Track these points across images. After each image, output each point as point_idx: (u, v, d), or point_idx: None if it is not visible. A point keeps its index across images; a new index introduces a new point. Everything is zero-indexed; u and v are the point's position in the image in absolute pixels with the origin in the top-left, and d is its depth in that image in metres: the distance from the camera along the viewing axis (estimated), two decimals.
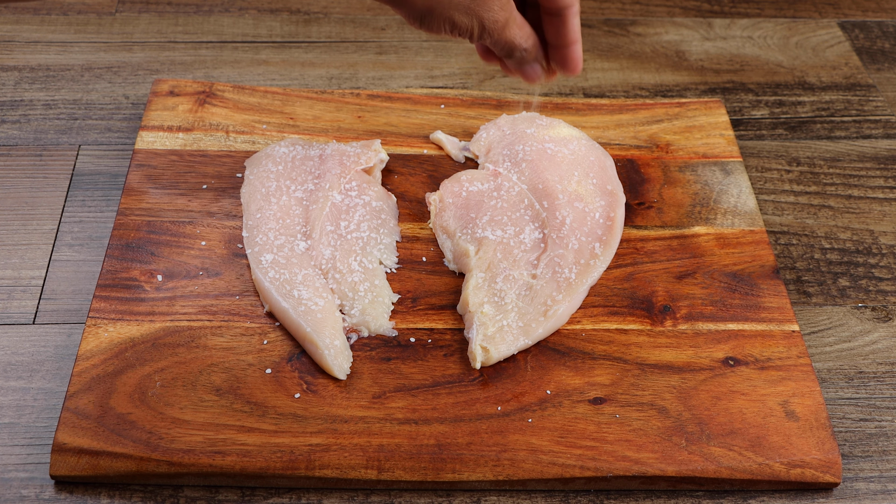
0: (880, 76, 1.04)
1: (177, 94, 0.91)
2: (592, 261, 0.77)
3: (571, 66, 0.73)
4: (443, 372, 0.72)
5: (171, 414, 0.68)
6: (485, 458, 0.67)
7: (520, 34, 0.69)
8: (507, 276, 0.75)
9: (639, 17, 1.10)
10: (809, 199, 0.89)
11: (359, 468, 0.67)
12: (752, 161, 0.93)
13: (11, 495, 0.66)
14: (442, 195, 0.82)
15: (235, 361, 0.71)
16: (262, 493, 0.67)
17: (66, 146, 0.90)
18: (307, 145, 0.84)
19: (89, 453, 0.66)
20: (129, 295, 0.75)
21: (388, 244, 0.79)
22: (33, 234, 0.82)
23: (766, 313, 0.77)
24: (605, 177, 0.83)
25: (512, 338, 0.72)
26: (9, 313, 0.76)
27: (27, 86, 0.96)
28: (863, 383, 0.75)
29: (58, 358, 0.73)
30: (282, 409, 0.69)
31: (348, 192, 0.81)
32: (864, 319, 0.80)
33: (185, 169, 0.85)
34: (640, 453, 0.68)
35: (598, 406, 0.70)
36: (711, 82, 1.02)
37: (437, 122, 0.91)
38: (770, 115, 0.98)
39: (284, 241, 0.77)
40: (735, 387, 0.72)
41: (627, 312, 0.76)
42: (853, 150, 0.95)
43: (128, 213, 0.81)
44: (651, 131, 0.91)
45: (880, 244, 0.86)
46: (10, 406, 0.71)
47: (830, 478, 0.68)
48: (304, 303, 0.73)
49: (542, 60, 0.73)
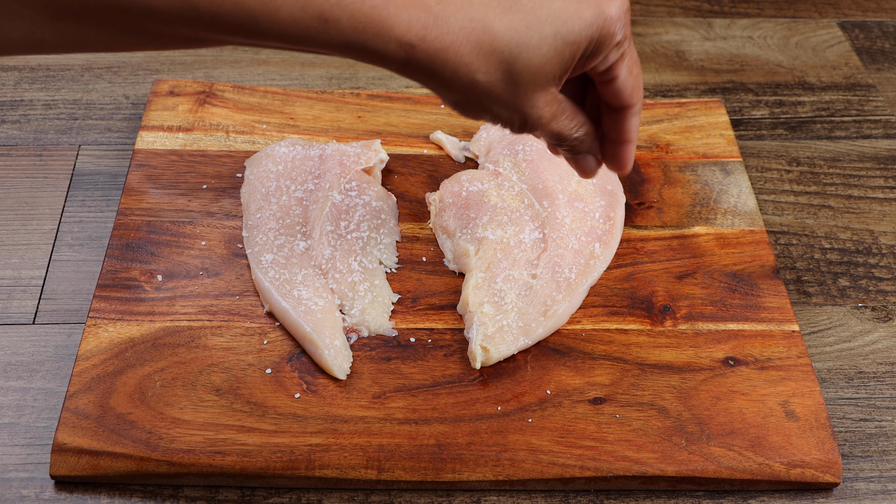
0: (880, 76, 1.04)
1: (177, 94, 0.91)
2: (592, 261, 0.77)
3: (620, 165, 0.65)
4: (443, 372, 0.72)
5: (171, 414, 0.68)
6: (485, 458, 0.67)
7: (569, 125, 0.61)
8: (507, 276, 0.75)
9: (639, 17, 1.10)
10: (809, 199, 0.89)
11: (359, 468, 0.67)
12: (752, 161, 0.93)
13: (11, 495, 0.66)
14: (442, 195, 0.82)
15: (235, 361, 0.71)
16: (262, 493, 0.67)
17: (66, 146, 0.90)
18: (307, 145, 0.84)
19: (89, 453, 0.66)
20: (129, 295, 0.75)
21: (388, 244, 0.79)
22: (33, 234, 0.82)
23: (766, 313, 0.77)
24: (605, 177, 0.83)
25: (512, 338, 0.72)
26: (9, 313, 0.76)
27: (27, 86, 0.96)
28: (863, 383, 0.75)
29: (58, 358, 0.73)
30: (282, 409, 0.69)
31: (348, 192, 0.81)
32: (864, 319, 0.80)
33: (185, 169, 0.85)
34: (640, 453, 0.68)
35: (598, 406, 0.70)
36: (711, 82, 1.02)
37: (437, 122, 0.91)
38: (770, 115, 0.98)
39: (284, 241, 0.77)
40: (735, 387, 0.72)
41: (627, 312, 0.76)
42: (853, 150, 0.95)
43: (128, 213, 0.81)
44: (651, 131, 0.91)
45: (880, 244, 0.86)
46: (10, 406, 0.71)
47: (830, 478, 0.68)
48: (303, 303, 0.73)
49: (596, 152, 0.65)
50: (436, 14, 0.53)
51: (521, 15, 0.55)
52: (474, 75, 0.55)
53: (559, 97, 0.59)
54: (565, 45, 0.56)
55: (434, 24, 0.53)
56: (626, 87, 0.60)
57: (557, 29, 0.56)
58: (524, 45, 0.55)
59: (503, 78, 0.56)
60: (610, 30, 0.57)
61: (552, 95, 0.59)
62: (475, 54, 0.55)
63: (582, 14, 0.56)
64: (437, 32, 0.53)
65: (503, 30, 0.55)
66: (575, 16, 0.56)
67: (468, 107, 0.58)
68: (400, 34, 0.53)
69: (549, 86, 0.58)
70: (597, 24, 0.56)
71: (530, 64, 0.56)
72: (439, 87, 0.56)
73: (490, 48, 0.55)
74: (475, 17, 0.54)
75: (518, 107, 0.58)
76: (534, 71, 0.56)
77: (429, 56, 0.54)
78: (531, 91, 0.57)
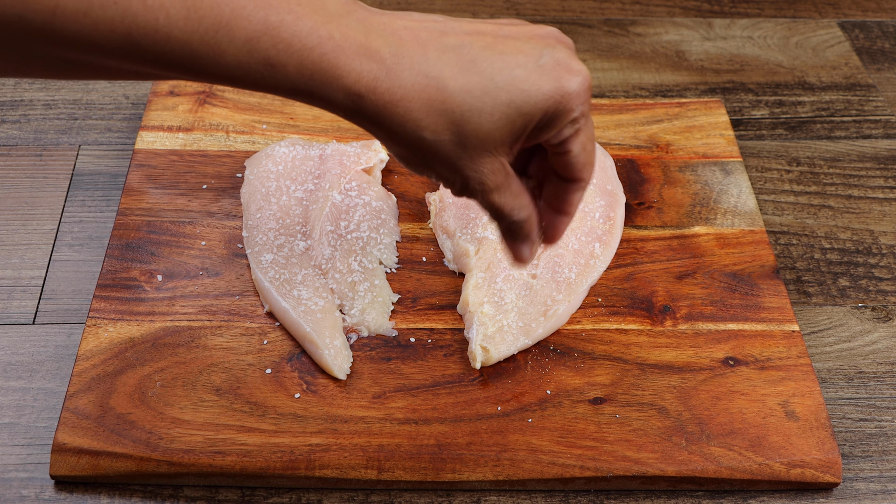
0: (880, 76, 1.04)
1: (177, 94, 0.91)
2: (592, 261, 0.77)
3: (550, 235, 0.62)
4: (443, 372, 0.72)
5: (171, 414, 0.68)
6: (485, 458, 0.67)
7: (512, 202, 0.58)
8: (507, 276, 0.75)
9: (639, 17, 1.10)
10: (809, 199, 0.89)
11: (359, 468, 0.67)
12: (752, 161, 0.93)
13: (11, 495, 0.66)
14: (442, 195, 0.82)
15: (235, 361, 0.71)
16: (262, 493, 0.67)
17: (66, 146, 0.90)
18: (307, 145, 0.85)
19: (89, 453, 0.66)
20: (129, 295, 0.75)
21: (388, 244, 0.79)
22: (33, 234, 0.82)
23: (766, 313, 0.77)
24: (605, 177, 0.83)
25: (512, 338, 0.72)
26: (9, 313, 0.76)
27: (27, 86, 0.96)
28: (863, 383, 0.75)
29: (58, 358, 0.74)
30: (282, 409, 0.69)
31: (348, 192, 0.81)
32: (864, 319, 0.80)
33: (185, 169, 0.85)
34: (640, 453, 0.68)
35: (598, 406, 0.70)
36: (711, 82, 1.02)
37: None
38: (770, 115, 0.98)
39: (284, 241, 0.77)
40: (735, 387, 0.72)
41: (627, 312, 0.76)
42: (853, 150, 0.95)
43: (128, 213, 0.81)
44: (651, 131, 0.91)
45: (880, 244, 0.86)
46: (10, 406, 0.71)
47: (830, 478, 0.68)
48: (303, 303, 0.73)
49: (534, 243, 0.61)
50: (389, 67, 0.52)
51: (479, 79, 0.54)
52: (421, 132, 0.54)
53: (507, 170, 0.57)
54: (518, 115, 0.55)
55: (386, 77, 0.52)
56: (578, 162, 0.58)
57: (513, 98, 0.54)
58: (476, 110, 0.54)
59: (451, 139, 0.55)
60: (567, 105, 0.55)
61: (499, 165, 0.57)
62: (425, 111, 0.53)
63: (541, 86, 0.54)
64: (387, 85, 0.52)
65: (457, 91, 0.54)
66: (533, 87, 0.54)
67: (412, 161, 0.57)
68: (349, 84, 0.52)
69: (498, 154, 0.56)
70: (554, 98, 0.55)
71: (480, 129, 0.54)
72: (386, 138, 0.55)
73: (441, 108, 0.54)
74: (430, 74, 0.53)
75: (461, 169, 0.56)
76: (483, 136, 0.55)
77: (377, 108, 0.53)
78: (477, 156, 0.56)
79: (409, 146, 0.55)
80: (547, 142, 0.58)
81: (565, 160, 0.58)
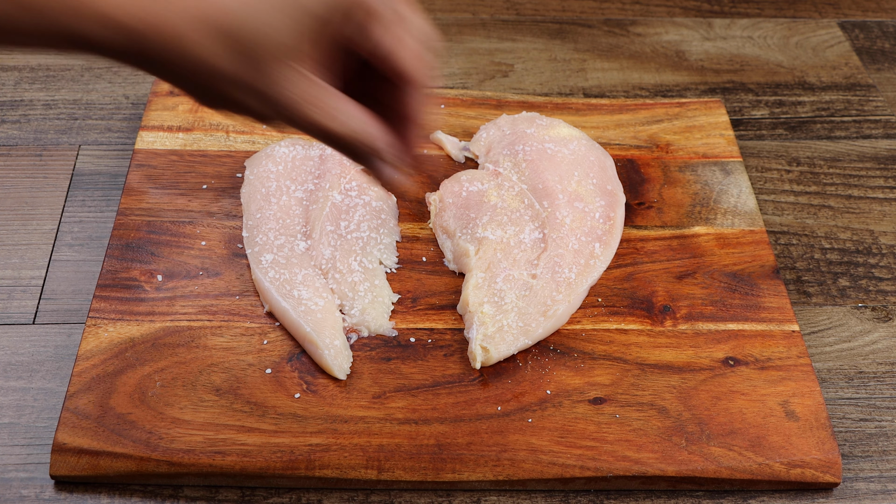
0: (880, 76, 1.04)
1: (177, 93, 0.91)
2: (592, 261, 0.77)
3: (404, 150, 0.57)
4: (443, 372, 0.72)
5: (171, 414, 0.68)
6: (485, 458, 0.67)
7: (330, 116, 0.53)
8: (507, 276, 0.75)
9: (639, 17, 1.10)
10: (809, 199, 0.89)
11: (359, 468, 0.67)
12: (752, 161, 0.93)
13: (11, 495, 0.66)
14: (442, 195, 0.82)
15: (235, 361, 0.71)
16: (262, 493, 0.67)
17: (66, 146, 0.90)
18: (307, 145, 0.84)
19: (89, 453, 0.66)
20: (129, 295, 0.75)
21: (388, 244, 0.79)
22: (33, 234, 0.82)
23: (766, 313, 0.77)
24: (605, 177, 0.83)
25: (512, 338, 0.72)
26: (9, 313, 0.76)
27: (27, 86, 0.96)
28: (863, 383, 0.75)
29: (58, 358, 0.74)
30: (282, 409, 0.69)
31: (348, 192, 0.81)
32: (864, 319, 0.80)
33: (185, 169, 0.85)
34: (640, 453, 0.68)
35: (598, 406, 0.70)
36: (711, 82, 1.02)
37: (437, 122, 0.91)
38: (770, 115, 0.98)
39: (284, 241, 0.77)
40: (735, 387, 0.72)
41: (627, 312, 0.76)
42: (853, 150, 0.95)
43: (128, 213, 0.81)
44: (651, 131, 0.91)
45: (880, 244, 0.86)
46: (10, 406, 0.71)
47: (830, 478, 0.68)
48: (304, 303, 0.73)
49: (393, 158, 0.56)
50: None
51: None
52: (204, 57, 0.49)
53: (312, 80, 0.52)
54: (303, 14, 0.50)
55: (152, 3, 0.47)
56: (400, 60, 0.54)
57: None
58: (254, 19, 0.49)
59: (238, 58, 0.50)
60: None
61: (298, 74, 0.51)
62: (203, 33, 0.49)
63: None
64: (156, 9, 0.48)
65: (231, 2, 0.49)
66: None
67: (207, 95, 0.52)
68: (114, 15, 0.47)
69: (295, 62, 0.51)
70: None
71: (266, 37, 0.50)
72: (169, 74, 0.50)
73: (216, 23, 0.49)
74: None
75: (257, 88, 0.51)
76: (270, 46, 0.50)
77: (148, 39, 0.48)
78: (269, 67, 0.50)
79: (197, 76, 0.50)
80: (360, 46, 0.54)
81: (388, 63, 0.54)
